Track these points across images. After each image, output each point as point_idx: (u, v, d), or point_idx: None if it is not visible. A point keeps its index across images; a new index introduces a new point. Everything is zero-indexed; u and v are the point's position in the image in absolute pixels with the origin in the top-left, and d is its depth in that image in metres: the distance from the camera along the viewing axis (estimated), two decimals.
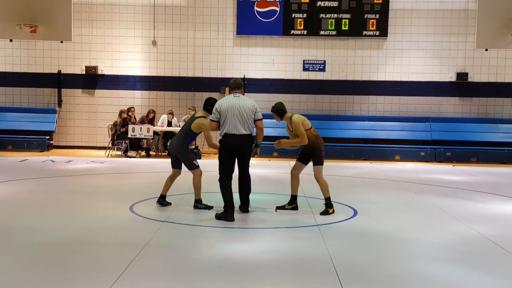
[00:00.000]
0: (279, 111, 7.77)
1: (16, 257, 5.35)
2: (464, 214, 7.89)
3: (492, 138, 16.83)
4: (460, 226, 7.11)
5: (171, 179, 8.10)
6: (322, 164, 7.78)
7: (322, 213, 7.66)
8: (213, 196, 8.50)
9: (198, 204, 7.93)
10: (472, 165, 15.55)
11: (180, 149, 7.90)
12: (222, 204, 7.36)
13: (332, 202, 7.78)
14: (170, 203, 8.13)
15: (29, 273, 4.89)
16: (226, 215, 7.19)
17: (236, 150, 7.30)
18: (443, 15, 17.12)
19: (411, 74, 17.33)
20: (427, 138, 16.93)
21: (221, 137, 7.33)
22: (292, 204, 8.01)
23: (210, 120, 7.41)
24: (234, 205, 7.32)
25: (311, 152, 7.80)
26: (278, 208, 7.98)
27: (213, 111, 7.37)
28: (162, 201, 8.08)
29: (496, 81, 17.21)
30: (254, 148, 7.51)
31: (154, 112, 16.16)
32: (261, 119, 7.42)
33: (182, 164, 8.04)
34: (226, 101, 7.32)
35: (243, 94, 7.53)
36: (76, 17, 16.37)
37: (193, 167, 7.90)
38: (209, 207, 7.88)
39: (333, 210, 7.73)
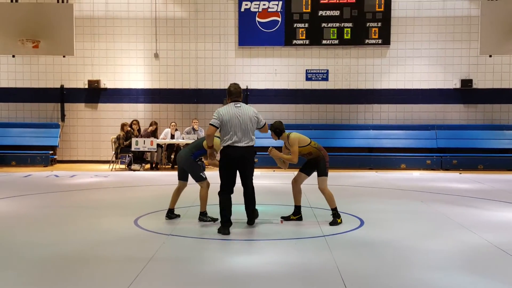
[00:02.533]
0: (277, 130, 7.69)
1: (21, 273, 5.28)
2: (472, 222, 7.79)
3: (498, 145, 16.70)
4: (469, 235, 7.01)
5: (178, 192, 8.03)
6: (326, 175, 7.72)
7: (331, 223, 7.58)
8: (217, 208, 8.41)
9: (203, 216, 7.85)
10: (479, 172, 15.42)
11: (187, 161, 7.83)
12: None
13: (339, 212, 7.70)
14: (179, 215, 8.07)
15: None
16: (222, 228, 7.06)
17: (237, 163, 7.11)
18: (445, 22, 17.08)
19: (415, 82, 17.26)
20: (433, 146, 16.82)
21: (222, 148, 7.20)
22: (297, 214, 7.94)
23: (210, 124, 7.09)
24: (232, 222, 7.20)
25: (315, 164, 7.75)
26: (283, 218, 7.91)
27: (214, 116, 7.12)
28: (171, 215, 8.01)
29: (501, 87, 17.12)
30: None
31: (156, 124, 16.13)
32: (265, 125, 7.35)
33: (189, 176, 7.97)
34: (228, 112, 7.09)
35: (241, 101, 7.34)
36: (78, 31, 16.39)
37: (200, 179, 7.82)
38: (214, 220, 7.79)
39: (341, 220, 7.65)
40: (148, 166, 15.84)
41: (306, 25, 17.02)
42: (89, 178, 13.42)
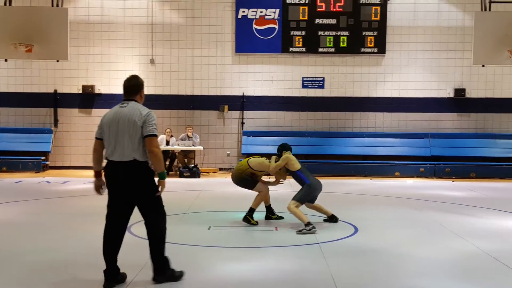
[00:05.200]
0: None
1: (9, 280, 5.25)
2: (464, 230, 7.82)
3: (491, 154, 16.78)
4: (461, 242, 7.03)
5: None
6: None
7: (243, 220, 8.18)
8: (212, 215, 8.39)
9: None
10: (472, 180, 15.48)
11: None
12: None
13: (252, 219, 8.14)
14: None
15: None
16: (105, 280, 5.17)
17: (118, 186, 5.17)
18: (440, 31, 17.17)
19: (409, 91, 17.32)
20: (427, 154, 16.87)
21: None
22: (274, 214, 8.58)
23: (95, 137, 5.34)
24: (118, 270, 5.25)
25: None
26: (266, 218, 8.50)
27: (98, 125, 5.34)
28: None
29: (494, 96, 17.22)
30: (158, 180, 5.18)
31: None
32: (151, 135, 5.06)
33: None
34: (109, 114, 5.24)
35: (141, 101, 5.33)
36: (72, 36, 16.33)
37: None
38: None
39: (255, 222, 8.11)
40: None
41: (303, 33, 17.07)
42: (81, 184, 13.33)
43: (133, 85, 5.27)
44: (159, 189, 5.18)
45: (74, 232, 7.49)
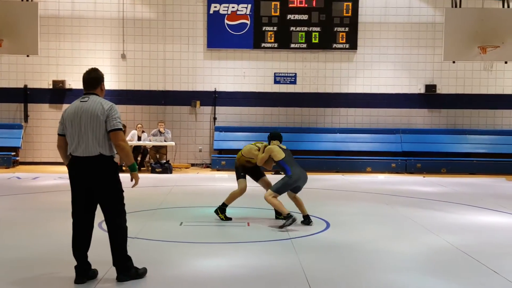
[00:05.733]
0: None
1: None
2: (435, 225, 7.93)
3: (461, 149, 17.05)
4: (432, 237, 7.13)
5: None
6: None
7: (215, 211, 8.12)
8: (184, 211, 8.35)
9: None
10: (442, 175, 15.71)
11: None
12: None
13: (225, 213, 8.08)
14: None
15: None
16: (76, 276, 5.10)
17: (81, 181, 5.03)
18: (411, 28, 17.36)
19: (381, 87, 17.49)
20: (398, 150, 17.07)
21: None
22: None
23: (58, 134, 5.29)
24: (89, 265, 5.19)
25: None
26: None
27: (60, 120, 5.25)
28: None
29: (464, 92, 17.50)
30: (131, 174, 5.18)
31: (124, 126, 15.96)
32: (117, 130, 4.99)
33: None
34: (69, 109, 5.15)
35: (101, 94, 5.22)
36: (43, 30, 16.08)
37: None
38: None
39: (224, 217, 8.03)
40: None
41: (275, 28, 17.09)
42: (52, 180, 13.17)
43: (93, 78, 5.16)
44: (133, 182, 5.17)
45: (45, 228, 7.38)
